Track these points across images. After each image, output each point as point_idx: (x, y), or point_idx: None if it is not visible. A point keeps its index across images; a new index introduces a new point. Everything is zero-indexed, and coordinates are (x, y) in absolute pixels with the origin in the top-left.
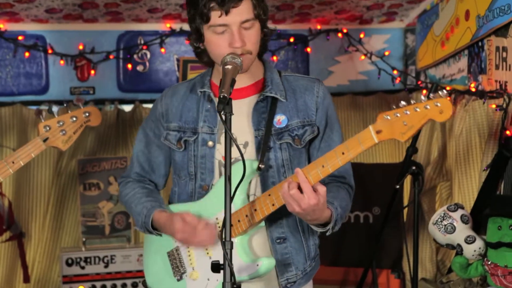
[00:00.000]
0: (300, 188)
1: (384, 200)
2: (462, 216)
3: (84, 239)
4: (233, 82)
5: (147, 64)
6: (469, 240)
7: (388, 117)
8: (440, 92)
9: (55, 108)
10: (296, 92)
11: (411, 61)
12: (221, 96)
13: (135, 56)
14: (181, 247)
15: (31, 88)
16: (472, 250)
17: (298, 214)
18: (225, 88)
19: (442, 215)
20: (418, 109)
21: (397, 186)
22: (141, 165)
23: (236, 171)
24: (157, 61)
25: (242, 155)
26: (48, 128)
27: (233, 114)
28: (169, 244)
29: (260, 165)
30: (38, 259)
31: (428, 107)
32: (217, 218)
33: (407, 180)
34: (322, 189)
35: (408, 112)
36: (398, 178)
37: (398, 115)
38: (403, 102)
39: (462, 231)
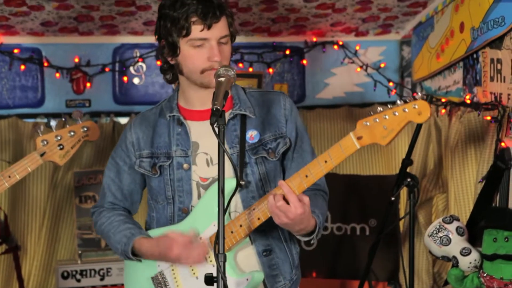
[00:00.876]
0: (285, 199)
1: (381, 212)
2: (457, 228)
3: (80, 252)
4: (226, 94)
5: (143, 76)
6: (465, 252)
7: (368, 123)
8: (416, 95)
9: (53, 122)
10: (264, 107)
11: (407, 73)
12: (214, 109)
13: (131, 68)
14: (165, 270)
15: (27, 101)
16: (468, 262)
17: (286, 226)
18: (218, 101)
19: (438, 227)
20: (397, 113)
21: (393, 198)
22: (113, 194)
23: (216, 191)
24: (153, 73)
25: (235, 167)
26: (45, 143)
27: (226, 126)
28: (152, 269)
29: (240, 182)
30: (34, 272)
31: (407, 110)
32: (201, 238)
33: (404, 192)
34: (306, 198)
35: (387, 117)
36: (393, 190)
37: (377, 120)
38: (379, 108)
39: (457, 243)
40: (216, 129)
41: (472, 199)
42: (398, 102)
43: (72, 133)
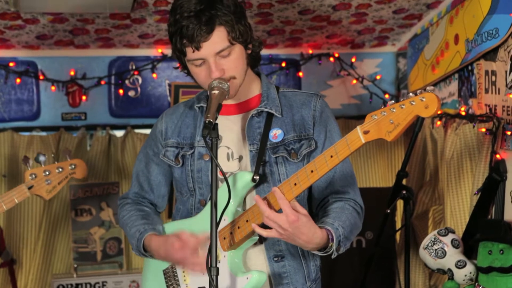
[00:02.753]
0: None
1: (377, 224)
2: (452, 241)
3: (75, 266)
4: (219, 107)
5: (139, 89)
6: (460, 265)
7: (376, 117)
8: (427, 88)
9: (42, 158)
10: (293, 107)
11: (403, 85)
12: (206, 121)
13: (126, 81)
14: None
15: (22, 114)
16: (463, 274)
17: (285, 238)
18: (211, 113)
19: (433, 239)
20: (404, 106)
21: (388, 211)
22: (140, 185)
23: (225, 189)
24: (149, 86)
25: (226, 180)
26: (34, 176)
27: (219, 139)
28: (165, 262)
29: (254, 177)
30: (30, 286)
31: (414, 102)
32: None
33: (400, 204)
34: (302, 208)
35: (394, 110)
36: (388, 202)
37: (385, 113)
38: (391, 101)
39: (452, 256)
40: (209, 142)
41: (468, 211)
42: (410, 94)
43: (60, 169)
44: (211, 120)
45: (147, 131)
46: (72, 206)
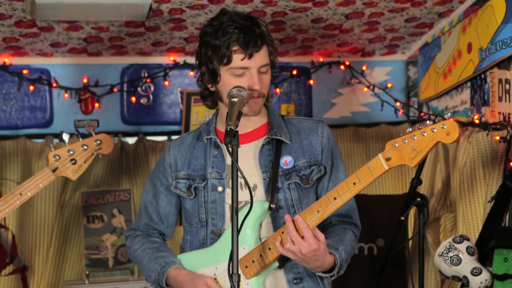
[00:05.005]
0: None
1: (388, 231)
2: (467, 248)
3: (87, 272)
4: (239, 114)
5: (151, 96)
6: (475, 272)
7: (396, 144)
8: (445, 115)
9: (65, 136)
10: (301, 133)
11: (413, 93)
12: (228, 129)
13: (139, 89)
14: None
15: (35, 122)
16: (479, 282)
17: (299, 261)
18: (232, 121)
19: (448, 246)
20: (425, 133)
21: (402, 218)
22: (149, 216)
23: (245, 213)
24: (161, 93)
25: (250, 188)
26: (57, 158)
27: (239, 146)
28: None
29: (271, 205)
30: None
31: (435, 130)
32: (216, 268)
33: (411, 212)
34: (321, 236)
35: (415, 137)
36: (402, 209)
37: (406, 141)
38: (409, 129)
39: (468, 263)
40: (230, 149)
41: (481, 219)
42: (428, 122)
43: (85, 147)
44: (232, 127)
45: (159, 138)
46: (84, 213)
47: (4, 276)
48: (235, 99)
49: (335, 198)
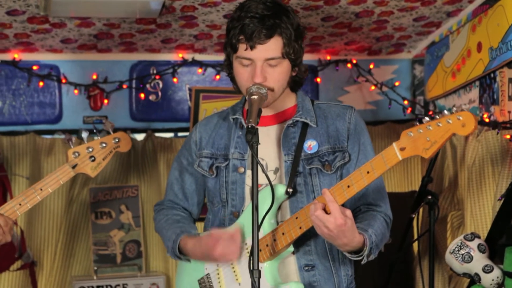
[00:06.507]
0: (325, 210)
1: (395, 229)
2: (479, 245)
3: (95, 268)
4: (259, 112)
5: (160, 93)
6: (487, 270)
7: (411, 134)
8: (463, 106)
9: (84, 134)
10: (328, 119)
11: (419, 92)
12: (249, 126)
13: (147, 85)
14: (211, 273)
15: (45, 117)
16: (490, 279)
17: (327, 237)
18: (253, 118)
19: (459, 244)
20: (440, 124)
21: (413, 215)
22: (174, 193)
23: (264, 197)
24: (169, 90)
25: (270, 181)
26: (77, 154)
27: (259, 143)
28: (200, 272)
29: (288, 189)
30: None
31: (450, 121)
32: (246, 243)
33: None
34: (348, 211)
35: (430, 128)
36: (412, 207)
37: (421, 131)
38: (426, 118)
39: (479, 260)
40: (253, 146)
41: (490, 217)
42: (446, 112)
43: (104, 145)
44: (253, 124)
45: (168, 135)
46: (92, 209)
47: (12, 271)
48: (255, 97)
49: (348, 186)
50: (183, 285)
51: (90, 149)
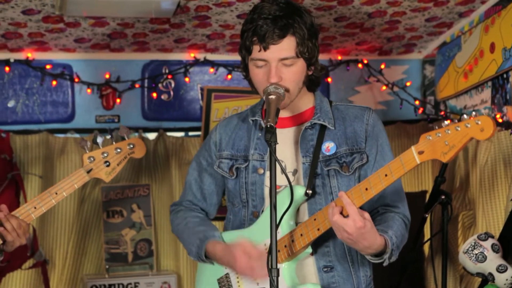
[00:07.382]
0: (342, 213)
1: None
2: (492, 245)
3: (107, 266)
4: (277, 111)
5: (172, 93)
6: (501, 269)
7: (430, 137)
8: (482, 110)
9: (99, 139)
10: (346, 120)
11: (430, 92)
12: (268, 126)
13: (159, 85)
14: (230, 273)
15: (58, 116)
16: (504, 279)
17: (347, 241)
18: (271, 118)
19: (473, 244)
20: (459, 128)
21: (426, 215)
22: (193, 193)
23: (283, 198)
24: (181, 90)
25: (289, 182)
26: (92, 159)
27: (277, 143)
28: (220, 271)
29: (307, 191)
30: (61, 286)
31: (469, 125)
32: (265, 244)
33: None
34: (366, 213)
35: (449, 132)
36: (425, 207)
37: (440, 134)
38: (445, 122)
39: (493, 260)
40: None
41: (502, 217)
42: (465, 116)
43: (119, 150)
44: (272, 124)
45: (179, 134)
46: (104, 208)
47: (25, 269)
48: (272, 96)
49: (366, 189)
50: (203, 284)
51: (105, 154)
